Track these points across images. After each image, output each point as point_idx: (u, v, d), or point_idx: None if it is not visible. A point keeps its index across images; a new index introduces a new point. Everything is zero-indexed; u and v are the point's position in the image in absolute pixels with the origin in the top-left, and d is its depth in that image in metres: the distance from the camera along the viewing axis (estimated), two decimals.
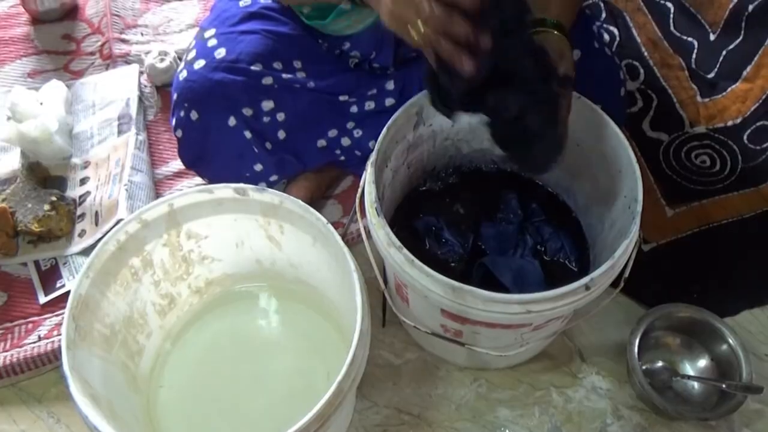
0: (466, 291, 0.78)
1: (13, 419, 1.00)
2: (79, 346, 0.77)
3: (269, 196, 0.87)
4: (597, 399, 1.03)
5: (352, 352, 0.74)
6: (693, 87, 1.33)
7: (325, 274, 0.94)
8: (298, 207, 0.86)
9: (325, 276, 0.94)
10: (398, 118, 0.91)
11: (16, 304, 1.09)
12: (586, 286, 0.80)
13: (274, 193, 0.87)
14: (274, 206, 0.88)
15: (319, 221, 0.84)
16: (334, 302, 0.98)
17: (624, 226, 0.88)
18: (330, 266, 0.90)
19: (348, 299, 0.86)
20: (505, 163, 1.10)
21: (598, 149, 0.95)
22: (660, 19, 1.42)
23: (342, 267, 0.83)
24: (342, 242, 0.81)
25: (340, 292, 0.91)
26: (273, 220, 0.92)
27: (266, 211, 0.90)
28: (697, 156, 1.26)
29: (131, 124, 1.22)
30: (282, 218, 0.90)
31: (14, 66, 1.37)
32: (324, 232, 0.84)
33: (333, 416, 0.73)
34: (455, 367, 1.05)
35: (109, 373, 0.83)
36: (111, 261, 0.85)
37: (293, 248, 0.96)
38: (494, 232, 1.02)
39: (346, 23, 1.03)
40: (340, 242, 0.81)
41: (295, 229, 0.91)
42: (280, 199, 0.87)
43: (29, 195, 1.14)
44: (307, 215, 0.85)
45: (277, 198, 0.87)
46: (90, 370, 0.78)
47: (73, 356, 0.74)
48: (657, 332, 1.04)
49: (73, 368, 0.73)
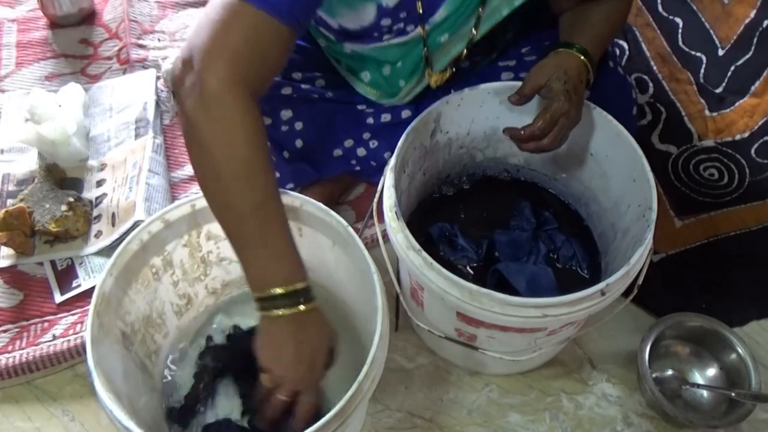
0: (483, 294, 0.79)
1: (28, 416, 1.01)
2: (102, 342, 0.78)
3: (290, 198, 0.88)
4: (607, 406, 1.04)
5: (373, 352, 0.75)
6: (701, 101, 1.36)
7: (342, 276, 0.95)
8: (318, 210, 0.88)
9: (342, 278, 0.95)
10: (417, 124, 0.93)
11: (32, 303, 1.10)
12: (602, 292, 0.81)
13: (294, 195, 0.88)
14: (295, 209, 0.90)
15: (339, 224, 0.85)
16: (348, 304, 0.99)
17: (638, 234, 0.89)
18: (348, 269, 0.91)
19: (364, 301, 0.87)
20: (518, 171, 1.12)
21: (612, 159, 0.97)
22: (669, 34, 1.45)
23: (361, 269, 0.84)
24: (362, 244, 0.82)
25: (357, 294, 0.92)
26: (292, 223, 0.93)
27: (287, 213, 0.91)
28: (705, 169, 1.28)
29: (148, 128, 1.24)
30: (301, 221, 0.92)
31: (32, 69, 1.39)
32: (344, 235, 0.85)
33: (352, 416, 0.74)
34: (467, 372, 1.06)
35: (129, 371, 0.84)
36: (133, 260, 0.86)
37: (311, 251, 0.97)
38: (508, 239, 1.03)
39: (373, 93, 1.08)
40: (360, 245, 0.83)
41: (313, 232, 0.92)
42: (301, 201, 0.88)
43: (47, 195, 1.15)
44: (328, 218, 0.87)
45: (298, 200, 0.89)
46: (112, 366, 0.79)
47: (97, 352, 0.75)
48: (667, 341, 1.05)
49: (97, 363, 0.74)
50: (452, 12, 0.92)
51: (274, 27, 0.73)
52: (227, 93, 0.70)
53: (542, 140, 0.88)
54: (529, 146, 0.90)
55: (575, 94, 0.87)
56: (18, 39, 1.43)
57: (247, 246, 0.75)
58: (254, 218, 0.73)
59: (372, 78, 1.06)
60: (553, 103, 0.87)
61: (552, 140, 0.88)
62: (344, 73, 1.09)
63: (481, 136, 1.05)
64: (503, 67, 1.09)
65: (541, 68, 0.89)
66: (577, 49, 0.90)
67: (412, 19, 0.91)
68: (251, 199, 0.72)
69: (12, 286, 1.11)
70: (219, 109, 0.70)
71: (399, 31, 0.93)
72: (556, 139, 0.88)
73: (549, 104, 0.87)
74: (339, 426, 0.72)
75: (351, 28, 0.93)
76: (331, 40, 1.04)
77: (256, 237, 0.74)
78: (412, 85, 1.04)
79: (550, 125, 0.87)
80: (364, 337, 0.97)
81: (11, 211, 1.10)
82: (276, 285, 0.74)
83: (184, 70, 0.70)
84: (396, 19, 0.90)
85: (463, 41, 0.98)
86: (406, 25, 0.92)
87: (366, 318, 0.94)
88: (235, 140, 0.71)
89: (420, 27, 0.93)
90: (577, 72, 0.88)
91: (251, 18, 0.71)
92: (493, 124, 1.02)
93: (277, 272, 0.74)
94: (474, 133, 1.04)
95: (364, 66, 1.06)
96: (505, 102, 0.98)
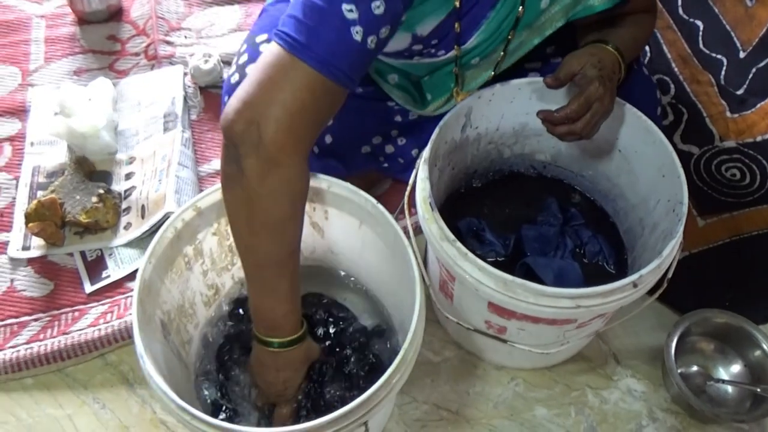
0: (518, 284, 0.81)
1: (60, 404, 1.02)
2: (145, 329, 0.78)
3: (317, 180, 0.89)
4: (632, 401, 1.05)
5: (415, 321, 0.77)
6: (722, 103, 1.37)
7: (370, 257, 0.96)
8: (346, 190, 0.89)
9: (369, 260, 0.96)
10: (449, 119, 0.94)
11: (63, 293, 1.11)
12: (634, 284, 0.82)
13: (322, 177, 0.89)
14: (322, 191, 0.91)
15: (368, 202, 0.86)
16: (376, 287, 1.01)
17: (668, 228, 0.90)
18: (376, 248, 0.92)
19: (395, 281, 0.90)
20: (545, 168, 1.13)
21: (641, 155, 0.98)
22: (689, 36, 1.46)
23: (391, 247, 0.86)
24: (393, 219, 0.84)
25: (386, 274, 0.93)
26: (319, 206, 0.95)
27: (313, 196, 0.93)
28: (727, 169, 1.29)
29: (177, 122, 1.26)
30: (329, 203, 0.93)
31: (61, 64, 1.40)
32: (373, 213, 0.86)
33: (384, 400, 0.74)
34: (493, 366, 1.07)
35: (167, 359, 0.85)
36: (169, 248, 0.88)
37: (336, 234, 0.98)
38: (535, 233, 1.04)
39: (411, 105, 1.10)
40: (391, 219, 0.84)
41: (341, 213, 0.93)
42: (328, 183, 0.90)
43: (77, 187, 1.17)
44: (356, 197, 0.88)
45: (325, 182, 0.90)
46: (155, 354, 0.80)
47: (144, 338, 0.76)
48: (692, 337, 1.06)
49: (146, 348, 0.75)
50: (484, 40, 0.93)
51: (333, 89, 0.74)
52: (290, 159, 0.73)
53: (575, 123, 0.89)
54: (561, 129, 0.90)
55: (609, 81, 0.88)
56: (46, 34, 1.45)
57: (260, 290, 0.81)
58: (274, 268, 0.79)
59: (399, 81, 1.08)
60: (588, 87, 0.87)
61: (585, 125, 0.88)
62: (373, 74, 1.11)
63: (510, 132, 1.06)
64: (529, 69, 1.10)
65: (576, 56, 0.90)
66: (612, 45, 0.91)
67: (443, 46, 0.92)
68: (277, 253, 0.78)
69: (43, 276, 1.13)
70: (278, 170, 0.73)
71: (429, 54, 0.94)
72: (589, 124, 0.88)
73: (584, 88, 0.88)
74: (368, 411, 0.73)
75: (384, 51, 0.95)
76: None
77: (270, 285, 0.80)
78: (440, 103, 1.06)
79: (584, 108, 0.87)
80: (392, 319, 0.99)
81: (43, 201, 1.12)
82: (276, 337, 0.83)
83: (248, 129, 0.71)
84: (427, 45, 0.92)
85: (492, 66, 0.99)
86: (437, 51, 0.93)
87: (396, 299, 0.96)
88: (282, 198, 0.75)
89: (453, 51, 0.94)
90: (611, 63, 0.90)
91: (312, 82, 0.72)
92: (522, 120, 1.03)
93: (281, 328, 0.83)
94: (503, 129, 1.05)
95: (392, 70, 1.07)
96: (535, 98, 1.00)
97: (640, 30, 1.00)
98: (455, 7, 0.87)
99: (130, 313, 1.07)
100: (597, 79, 0.87)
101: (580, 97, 0.87)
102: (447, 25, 0.89)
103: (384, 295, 1.00)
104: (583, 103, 0.87)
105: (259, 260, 0.79)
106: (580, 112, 0.87)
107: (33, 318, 1.08)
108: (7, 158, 1.26)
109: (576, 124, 0.88)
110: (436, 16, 0.87)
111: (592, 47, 0.93)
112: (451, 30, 0.90)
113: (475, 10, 0.89)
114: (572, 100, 0.88)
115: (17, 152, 1.27)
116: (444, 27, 0.89)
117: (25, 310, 1.09)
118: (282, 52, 0.72)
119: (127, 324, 1.05)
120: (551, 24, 0.95)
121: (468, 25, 0.90)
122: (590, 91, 0.87)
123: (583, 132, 0.89)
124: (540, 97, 0.99)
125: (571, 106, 0.88)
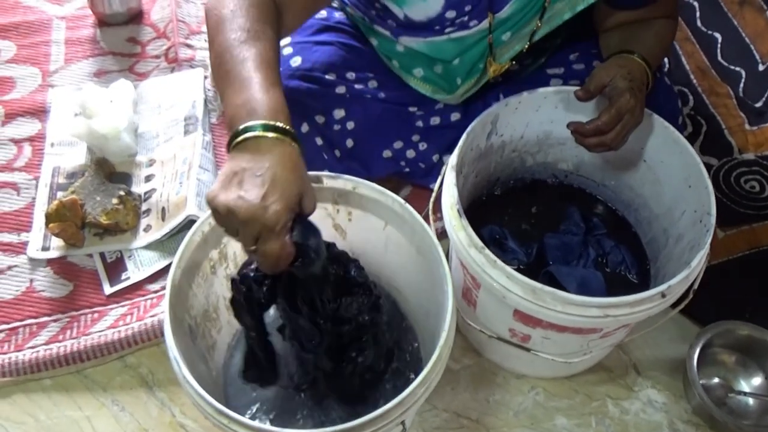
0: (547, 292, 0.80)
1: (79, 406, 1.01)
2: (176, 334, 0.78)
3: (342, 182, 0.89)
4: (653, 412, 1.04)
5: (448, 321, 0.77)
6: (741, 115, 1.37)
7: (393, 258, 0.95)
8: (372, 190, 0.88)
9: (393, 261, 0.96)
10: (476, 126, 0.94)
11: (82, 294, 1.11)
12: (662, 294, 0.82)
13: (347, 178, 0.89)
14: (347, 192, 0.90)
15: (396, 202, 0.86)
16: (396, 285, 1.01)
17: (694, 239, 0.90)
18: (401, 249, 0.91)
19: (419, 279, 0.89)
20: (566, 177, 1.13)
21: (667, 165, 0.98)
22: (707, 48, 1.46)
23: (419, 246, 0.86)
24: (422, 219, 0.84)
25: (414, 271, 0.92)
26: (342, 207, 0.94)
27: (338, 197, 0.92)
28: (746, 181, 1.29)
29: (197, 125, 1.26)
30: (353, 204, 0.92)
31: (81, 65, 1.41)
32: (401, 213, 0.86)
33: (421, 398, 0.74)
34: (513, 375, 1.07)
35: (196, 363, 0.84)
36: (197, 252, 0.87)
37: (358, 236, 0.97)
38: (558, 242, 1.04)
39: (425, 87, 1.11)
40: (420, 220, 0.84)
41: (365, 215, 0.93)
42: (354, 184, 0.89)
43: (98, 188, 1.17)
44: (383, 197, 0.88)
45: (351, 183, 0.89)
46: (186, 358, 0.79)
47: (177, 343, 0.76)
48: (714, 348, 1.06)
49: (183, 354, 0.74)
50: (517, 10, 0.93)
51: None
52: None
53: (606, 135, 0.89)
54: (592, 141, 0.90)
55: (639, 92, 0.89)
56: (67, 36, 1.45)
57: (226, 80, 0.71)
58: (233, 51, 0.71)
59: (425, 74, 1.08)
60: (619, 99, 0.87)
61: (615, 136, 0.88)
62: (397, 70, 1.11)
63: (533, 140, 1.06)
64: (552, 74, 1.11)
65: (605, 68, 0.91)
66: (638, 56, 0.92)
67: (476, 14, 0.92)
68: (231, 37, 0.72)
69: (62, 277, 1.12)
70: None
71: (462, 24, 0.94)
72: (619, 136, 0.89)
73: (614, 100, 0.88)
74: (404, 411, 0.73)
75: (416, 19, 0.95)
76: (385, 38, 1.06)
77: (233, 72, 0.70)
78: (470, 84, 1.06)
79: (616, 120, 0.88)
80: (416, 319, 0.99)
81: (65, 202, 1.11)
82: (252, 119, 0.66)
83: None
84: (461, 12, 0.91)
85: (524, 41, 0.99)
86: (470, 20, 0.93)
87: (421, 299, 0.95)
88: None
89: (485, 20, 0.93)
90: (639, 74, 0.90)
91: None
92: (547, 128, 1.04)
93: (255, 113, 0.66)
94: (527, 137, 1.05)
95: (417, 63, 1.07)
96: (561, 106, 1.00)
97: (663, 37, 1.00)
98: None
99: (150, 315, 1.07)
100: (628, 91, 0.87)
101: (611, 109, 0.88)
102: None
103: (407, 295, 0.99)
104: (615, 115, 0.87)
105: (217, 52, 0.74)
106: (611, 124, 0.88)
107: (52, 319, 1.08)
108: (27, 158, 1.26)
109: (606, 136, 0.89)
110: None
111: (619, 58, 0.93)
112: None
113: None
114: (603, 112, 0.88)
115: (37, 152, 1.27)
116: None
117: (44, 311, 1.09)
118: None
119: (147, 326, 1.05)
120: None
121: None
122: (621, 102, 0.87)
123: (613, 143, 0.89)
124: (566, 106, 1.00)
125: (602, 118, 0.88)
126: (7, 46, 1.43)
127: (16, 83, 1.37)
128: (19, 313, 1.08)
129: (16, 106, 1.33)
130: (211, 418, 0.72)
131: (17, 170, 1.25)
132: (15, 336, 1.06)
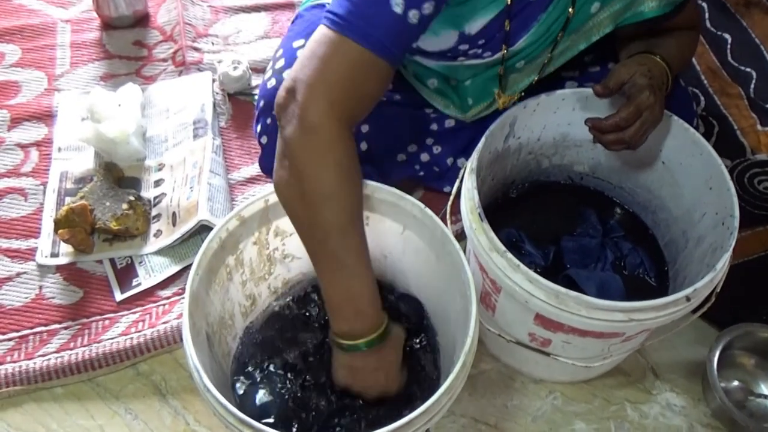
0: (571, 296, 0.79)
1: (91, 414, 1.00)
2: (195, 342, 0.77)
3: None
4: (672, 416, 1.03)
5: (472, 325, 0.76)
6: (753, 116, 1.36)
7: (410, 261, 0.94)
8: (391, 194, 0.87)
9: (410, 264, 0.95)
10: (495, 128, 0.93)
11: (93, 301, 1.09)
12: (687, 297, 0.81)
13: (365, 182, 0.88)
14: (365, 196, 0.89)
15: (415, 206, 0.85)
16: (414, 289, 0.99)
17: (717, 241, 0.89)
18: (419, 252, 0.90)
19: (438, 284, 0.88)
20: (582, 179, 1.12)
21: (686, 167, 0.97)
22: (718, 49, 1.46)
23: (439, 250, 0.85)
24: (442, 223, 0.83)
25: (432, 276, 0.91)
26: None
27: None
28: (759, 182, 1.28)
29: (207, 129, 1.24)
30: (371, 208, 0.91)
31: (87, 69, 1.39)
32: (420, 217, 0.85)
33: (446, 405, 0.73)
34: (530, 380, 1.05)
35: (214, 371, 0.83)
36: (214, 259, 0.86)
37: (376, 239, 0.95)
38: (575, 245, 1.03)
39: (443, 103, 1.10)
40: (440, 224, 0.83)
41: (382, 219, 0.92)
42: (372, 188, 0.88)
43: (107, 194, 1.15)
44: (402, 202, 0.87)
45: (369, 188, 0.88)
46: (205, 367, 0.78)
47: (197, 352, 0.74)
48: (733, 351, 1.05)
49: (202, 362, 0.73)
50: (532, 42, 0.92)
51: (373, 62, 0.75)
52: (325, 124, 0.73)
53: (624, 132, 0.87)
54: (610, 137, 0.89)
55: (659, 91, 0.88)
56: (72, 39, 1.44)
57: (329, 269, 0.77)
58: (337, 239, 0.75)
59: (439, 86, 1.07)
60: (638, 96, 0.86)
61: (634, 133, 0.87)
62: (410, 78, 1.10)
63: (550, 142, 1.05)
64: (566, 77, 1.10)
65: (625, 65, 0.90)
66: (659, 57, 0.91)
67: (490, 47, 0.92)
68: (336, 222, 0.75)
69: (72, 284, 1.11)
70: (315, 136, 0.73)
71: (474, 55, 0.94)
72: (638, 133, 0.87)
73: (634, 97, 0.87)
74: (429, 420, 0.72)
75: (428, 50, 0.94)
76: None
77: (337, 260, 0.76)
78: (481, 107, 1.05)
79: (634, 116, 0.86)
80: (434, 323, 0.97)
81: (74, 207, 1.10)
82: (362, 336, 0.77)
83: (288, 98, 0.74)
84: (474, 45, 0.91)
85: (537, 71, 0.99)
86: (483, 52, 0.93)
87: (439, 303, 0.94)
88: (326, 164, 0.74)
89: (499, 53, 0.93)
90: (659, 73, 0.89)
91: (352, 53, 0.74)
92: (563, 130, 1.03)
93: (363, 314, 0.77)
94: (544, 139, 1.04)
95: (431, 74, 1.06)
96: (578, 108, 0.99)
97: (684, 46, 0.99)
98: (507, 5, 0.86)
99: (162, 322, 1.06)
100: (647, 88, 0.86)
101: (630, 105, 0.86)
102: (496, 24, 0.88)
103: (424, 300, 0.98)
104: (634, 111, 0.86)
105: (319, 234, 0.76)
106: (630, 120, 0.87)
107: (62, 326, 1.06)
108: (34, 163, 1.25)
109: (625, 132, 0.87)
110: (487, 12, 0.86)
111: (640, 57, 0.92)
112: (499, 31, 0.90)
113: (527, 11, 0.88)
114: (622, 108, 0.87)
115: (44, 157, 1.25)
116: (493, 26, 0.88)
117: (55, 318, 1.07)
118: (323, 28, 0.75)
119: (160, 333, 1.04)
120: (599, 29, 0.94)
121: (518, 26, 0.89)
122: (641, 99, 0.86)
123: (632, 141, 0.88)
124: (583, 107, 0.99)
125: (621, 114, 0.87)
126: (11, 49, 1.42)
127: (21, 87, 1.36)
128: (29, 320, 1.07)
129: (21, 111, 1.32)
130: (232, 427, 0.71)
131: (24, 175, 1.23)
132: (25, 344, 1.04)
